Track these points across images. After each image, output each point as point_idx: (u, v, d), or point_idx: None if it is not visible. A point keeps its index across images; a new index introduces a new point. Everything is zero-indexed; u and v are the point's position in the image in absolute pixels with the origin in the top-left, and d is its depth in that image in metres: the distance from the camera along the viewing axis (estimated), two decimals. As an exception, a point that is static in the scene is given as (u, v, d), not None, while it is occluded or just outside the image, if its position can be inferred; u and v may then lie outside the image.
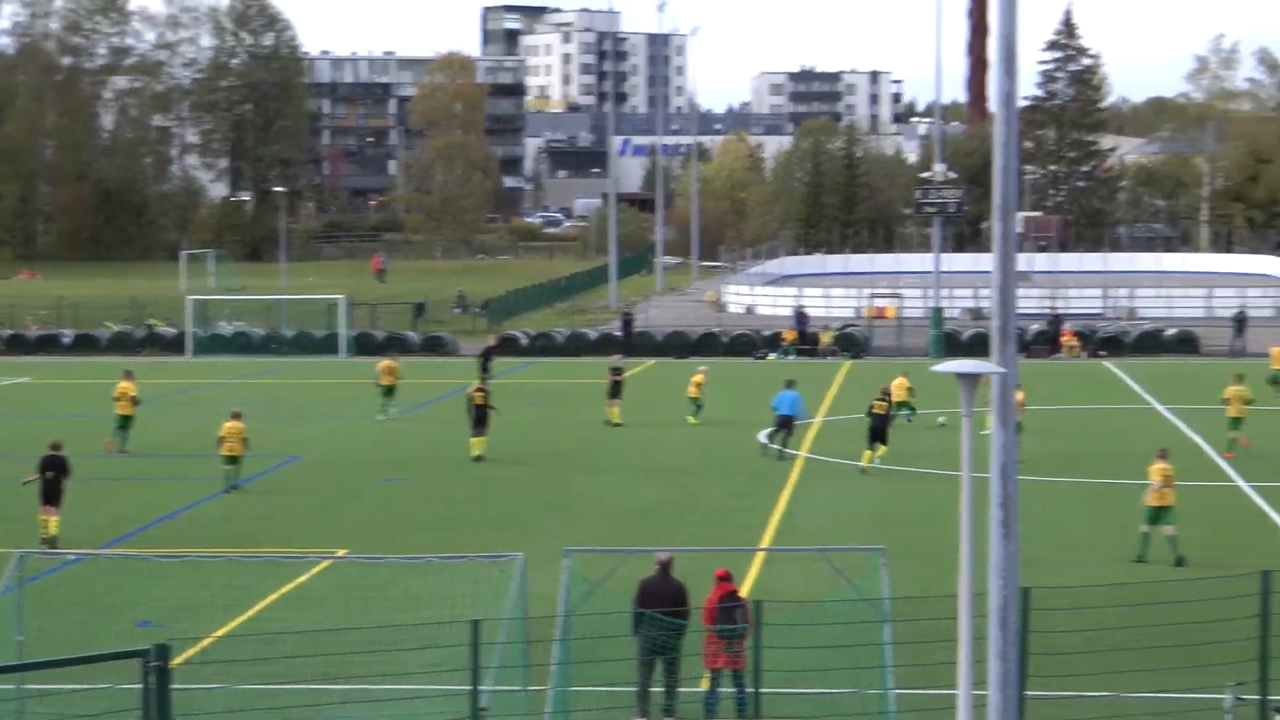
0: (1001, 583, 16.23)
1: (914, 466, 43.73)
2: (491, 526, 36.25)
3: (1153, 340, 76.35)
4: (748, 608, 22.34)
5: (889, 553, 23.40)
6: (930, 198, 79.38)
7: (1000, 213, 16.33)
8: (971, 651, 16.72)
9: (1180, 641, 23.24)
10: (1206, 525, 35.78)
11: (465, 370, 63.82)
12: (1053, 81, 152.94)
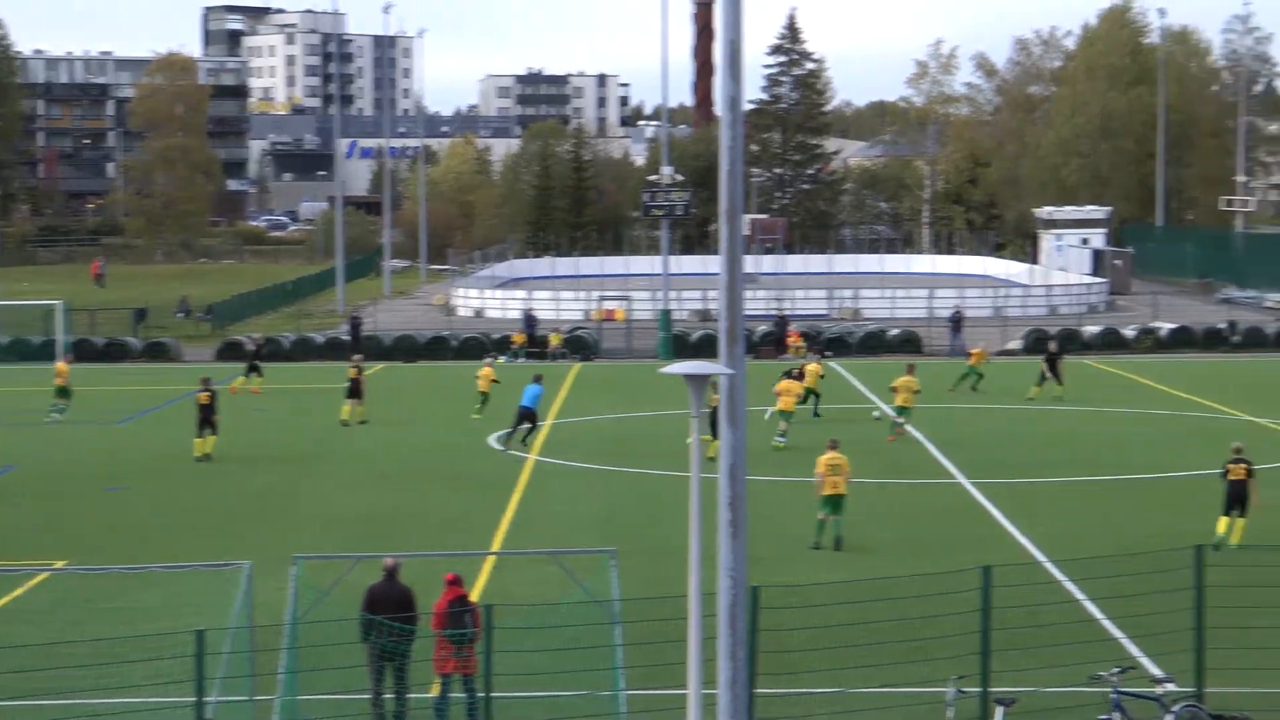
0: (730, 582, 16.30)
1: (643, 467, 43.91)
2: (218, 534, 35.64)
3: (877, 340, 77.67)
4: (478, 612, 22.20)
5: (620, 554, 23.43)
6: (658, 200, 79.92)
7: (727, 215, 16.40)
8: (701, 651, 16.77)
9: (905, 636, 23.61)
10: (930, 521, 36.45)
11: (189, 375, 62.68)
12: (777, 85, 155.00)
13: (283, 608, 22.15)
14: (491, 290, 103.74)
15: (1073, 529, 35.12)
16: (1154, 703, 21.31)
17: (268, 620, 22.95)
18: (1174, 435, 49.74)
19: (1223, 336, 77.59)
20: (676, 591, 21.10)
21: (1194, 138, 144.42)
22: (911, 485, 41.03)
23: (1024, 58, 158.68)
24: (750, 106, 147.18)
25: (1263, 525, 34.75)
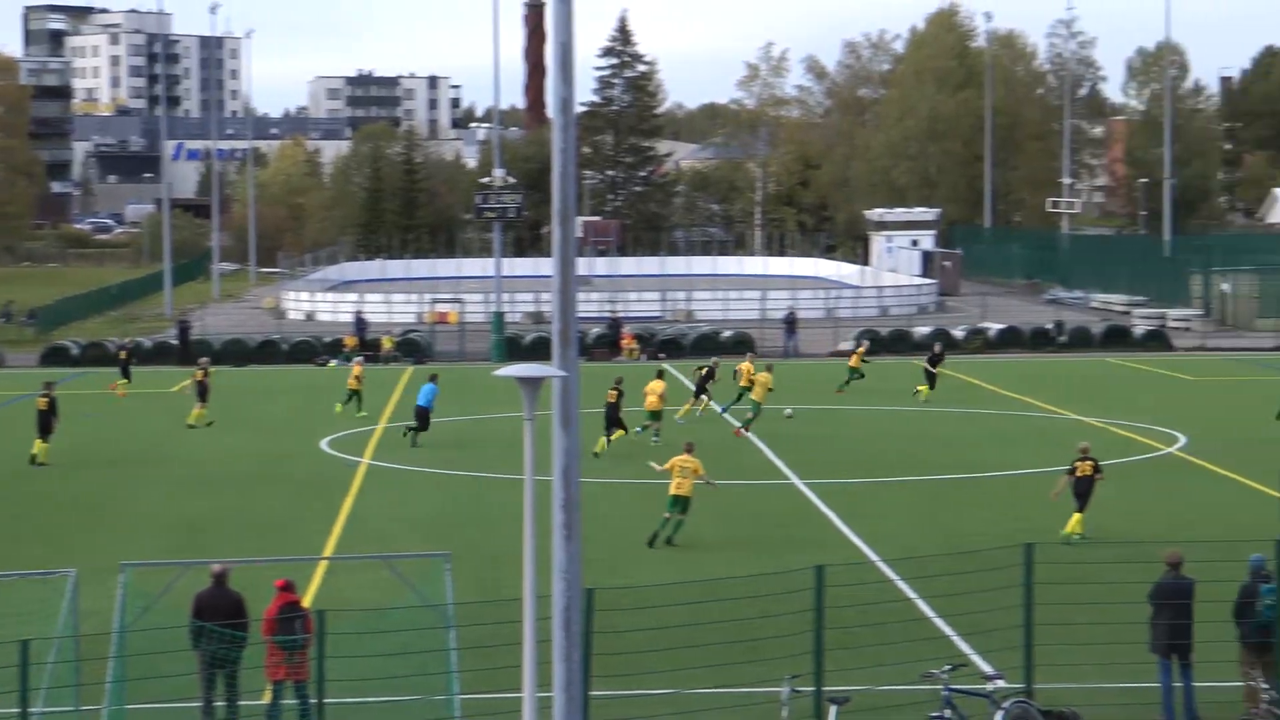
0: (564, 585, 16.24)
1: (477, 470, 43.76)
2: (43, 542, 35.01)
3: (710, 342, 77.93)
4: (309, 618, 21.96)
5: (453, 558, 23.30)
6: (490, 203, 79.73)
7: (559, 217, 16.35)
8: (536, 654, 16.71)
9: (740, 636, 23.68)
10: (764, 521, 36.61)
11: (11, 381, 61.62)
12: (609, 87, 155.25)
13: (110, 616, 21.78)
14: (322, 293, 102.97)
15: (904, 528, 35.42)
16: (984, 699, 21.52)
17: (95, 629, 22.55)
18: (1003, 434, 50.34)
19: (1050, 336, 78.75)
20: (511, 595, 21.01)
21: (1020, 140, 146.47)
22: (745, 486, 41.19)
23: (854, 60, 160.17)
24: (582, 109, 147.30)
25: (1090, 522, 35.29)
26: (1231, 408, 55.13)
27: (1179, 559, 23.28)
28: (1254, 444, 44.95)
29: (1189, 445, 46.68)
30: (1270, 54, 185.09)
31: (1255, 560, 23.07)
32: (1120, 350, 76.37)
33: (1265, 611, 22.54)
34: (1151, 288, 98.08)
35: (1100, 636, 23.79)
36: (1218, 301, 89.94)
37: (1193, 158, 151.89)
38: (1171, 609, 22.81)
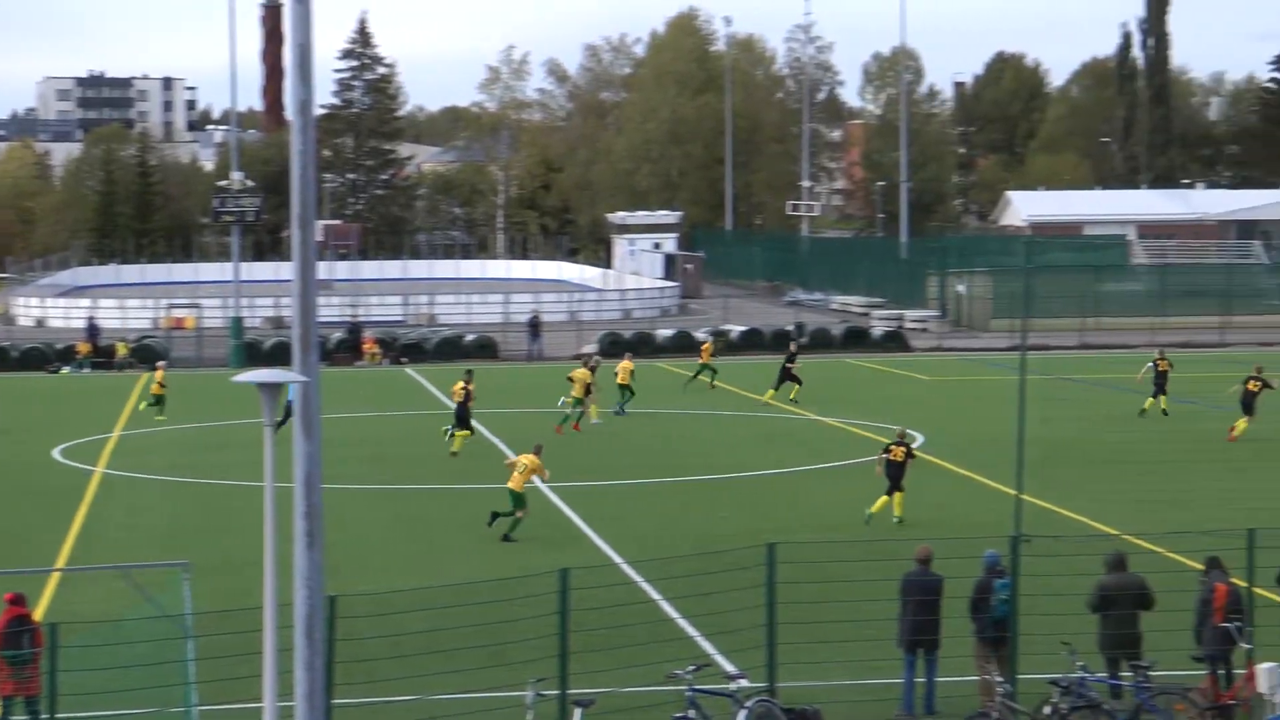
0: (306, 592, 15.99)
1: (215, 478, 43.07)
2: None
3: (453, 346, 77.66)
4: (39, 631, 21.38)
5: (192, 567, 22.86)
6: (228, 206, 78.65)
7: (299, 221, 16.09)
8: (277, 663, 16.44)
9: (485, 641, 23.54)
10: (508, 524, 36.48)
11: None
12: (349, 90, 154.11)
13: None
14: (54, 299, 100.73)
15: (649, 530, 35.54)
16: (728, 699, 21.63)
17: None
18: (745, 436, 50.78)
19: (791, 338, 79.71)
20: (252, 604, 20.66)
21: (760, 143, 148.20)
22: (488, 490, 41.03)
23: (595, 64, 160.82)
24: (322, 111, 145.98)
25: (829, 520, 35.76)
26: (967, 407, 56.24)
27: (928, 554, 23.65)
28: (988, 442, 45.84)
29: (926, 444, 47.49)
30: (1002, 60, 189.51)
31: (990, 556, 23.49)
32: (859, 351, 77.55)
33: (1000, 607, 22.97)
34: (889, 289, 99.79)
35: (842, 634, 24.07)
36: (953, 303, 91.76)
37: (928, 161, 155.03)
38: (920, 604, 23.17)
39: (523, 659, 22.39)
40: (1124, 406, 55.79)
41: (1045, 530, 31.24)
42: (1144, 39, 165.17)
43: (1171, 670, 22.97)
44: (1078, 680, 21.54)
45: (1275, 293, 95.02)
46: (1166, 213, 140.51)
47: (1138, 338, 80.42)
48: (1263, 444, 45.72)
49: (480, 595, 24.74)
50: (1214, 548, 24.46)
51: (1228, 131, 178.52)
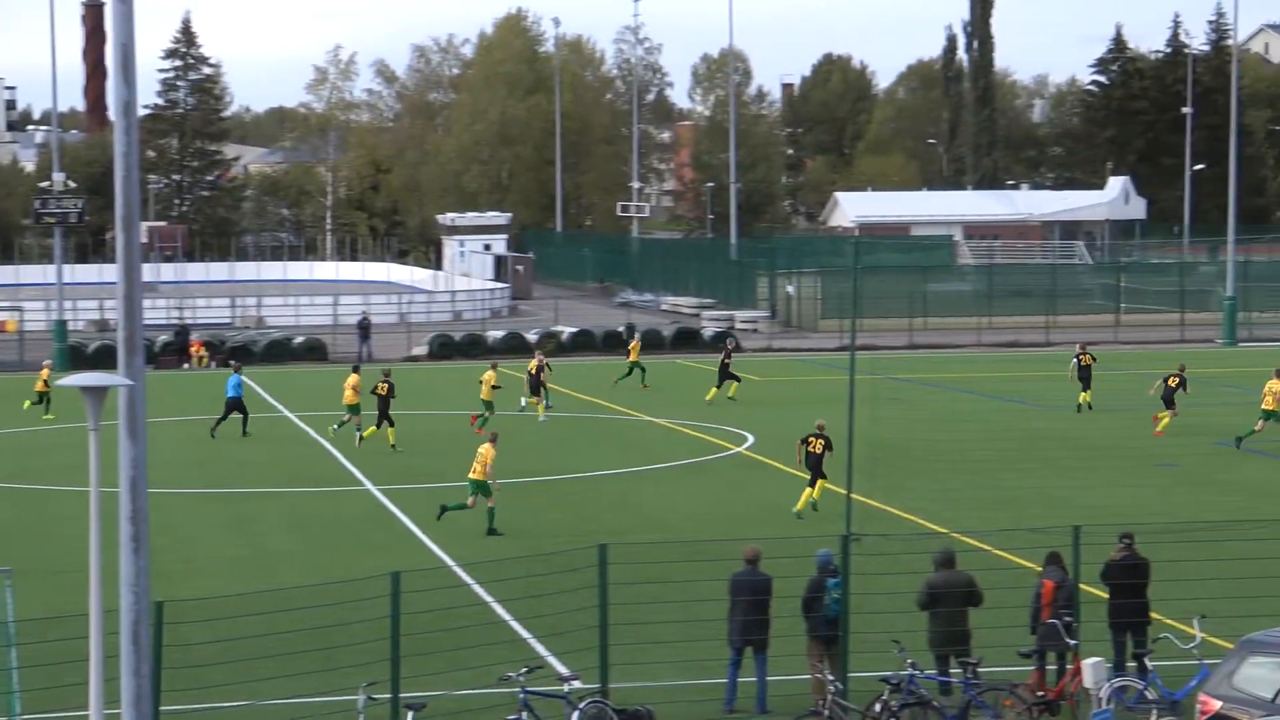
0: (132, 598, 15.76)
1: (36, 483, 42.35)
2: None
3: (282, 348, 76.97)
4: None
5: (15, 573, 22.45)
6: (50, 208, 77.38)
7: (123, 223, 15.84)
8: (103, 670, 16.19)
9: (316, 645, 23.33)
10: (339, 529, 36.22)
11: None
12: (173, 90, 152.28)
13: None
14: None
15: (482, 532, 35.39)
16: (561, 700, 21.61)
17: None
18: (577, 437, 50.79)
19: (622, 339, 79.79)
20: (76, 610, 20.32)
21: (590, 145, 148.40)
22: (319, 493, 40.73)
23: (423, 65, 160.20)
24: (145, 111, 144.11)
25: (661, 521, 35.85)
26: (797, 407, 56.62)
27: (756, 554, 23.76)
28: (818, 441, 46.17)
29: (756, 444, 47.77)
30: (829, 61, 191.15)
31: (822, 555, 23.65)
32: (690, 352, 77.82)
33: (832, 605, 23.12)
34: (719, 290, 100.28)
35: (673, 634, 24.13)
36: (783, 303, 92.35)
37: (757, 162, 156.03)
38: (748, 604, 23.28)
39: (354, 663, 22.22)
40: (952, 406, 56.47)
41: (876, 529, 31.52)
42: (969, 41, 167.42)
43: (1000, 666, 23.26)
44: (908, 678, 21.74)
45: (1098, 292, 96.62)
46: (992, 214, 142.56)
47: (965, 337, 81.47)
48: (1084, 445, 46.50)
49: (310, 599, 24.52)
50: (1041, 545, 24.81)
51: (1051, 133, 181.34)
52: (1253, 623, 22.20)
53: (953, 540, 28.61)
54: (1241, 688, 19.27)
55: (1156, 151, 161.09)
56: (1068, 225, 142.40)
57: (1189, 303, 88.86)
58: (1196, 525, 30.83)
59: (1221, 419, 51.12)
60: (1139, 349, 77.51)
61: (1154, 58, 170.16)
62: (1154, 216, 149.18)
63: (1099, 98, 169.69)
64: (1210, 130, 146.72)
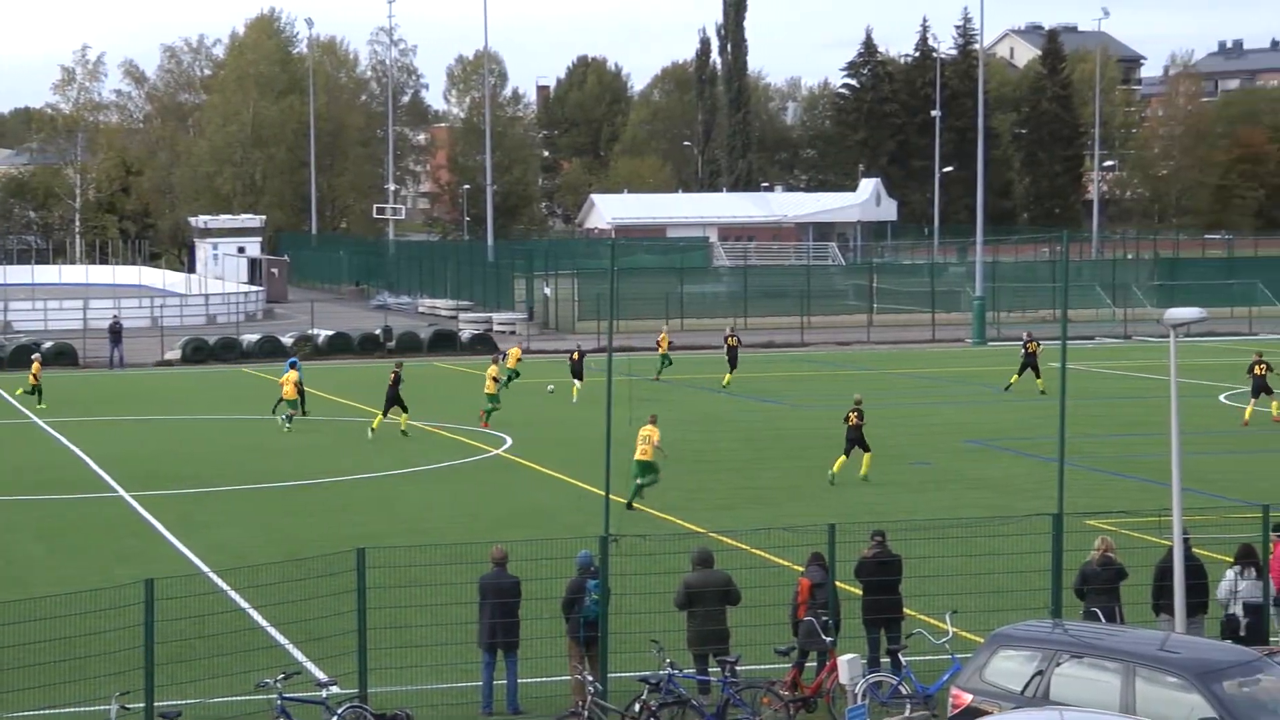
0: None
1: None
2: None
3: (30, 353, 75.19)
4: None
5: None
6: None
7: None
8: None
9: (67, 655, 22.82)
10: (90, 536, 35.51)
11: None
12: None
13: None
14: None
15: (238, 538, 34.93)
16: (319, 706, 21.38)
17: None
18: (332, 441, 50.30)
19: (379, 341, 79.26)
20: None
21: (345, 147, 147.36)
22: (68, 500, 39.89)
23: (174, 65, 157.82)
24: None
25: (419, 524, 35.65)
26: (553, 408, 56.69)
27: (504, 555, 23.72)
28: (575, 443, 46.29)
29: (515, 446, 47.73)
30: (584, 64, 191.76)
31: (582, 556, 23.67)
32: (448, 354, 77.53)
33: (592, 607, 23.16)
34: (477, 292, 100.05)
35: (431, 637, 24.01)
36: (540, 305, 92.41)
37: (513, 164, 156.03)
38: (497, 605, 23.23)
39: (106, 672, 21.80)
40: (710, 406, 56.89)
41: (634, 530, 31.63)
42: (723, 45, 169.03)
43: (758, 664, 23.47)
44: (666, 677, 21.84)
45: (851, 293, 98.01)
46: (747, 215, 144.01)
47: (721, 338, 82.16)
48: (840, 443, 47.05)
49: (61, 608, 23.98)
50: (797, 543, 25.06)
51: (804, 136, 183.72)
52: (1002, 617, 22.66)
53: (710, 540, 28.81)
54: (992, 681, 19.62)
55: (907, 154, 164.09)
56: (821, 227, 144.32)
57: (939, 303, 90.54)
58: (948, 522, 31.37)
59: (972, 417, 52.14)
60: (892, 349, 78.80)
61: (904, 62, 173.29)
62: (905, 218, 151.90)
63: (850, 101, 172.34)
64: (958, 133, 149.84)
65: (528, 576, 23.95)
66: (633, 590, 23.99)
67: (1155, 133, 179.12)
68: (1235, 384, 60.34)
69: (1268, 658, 19.74)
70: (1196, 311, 22.51)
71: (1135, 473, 41.77)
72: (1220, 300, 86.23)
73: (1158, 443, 42.98)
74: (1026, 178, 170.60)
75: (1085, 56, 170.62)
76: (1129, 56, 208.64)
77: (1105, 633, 20.71)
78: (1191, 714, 17.97)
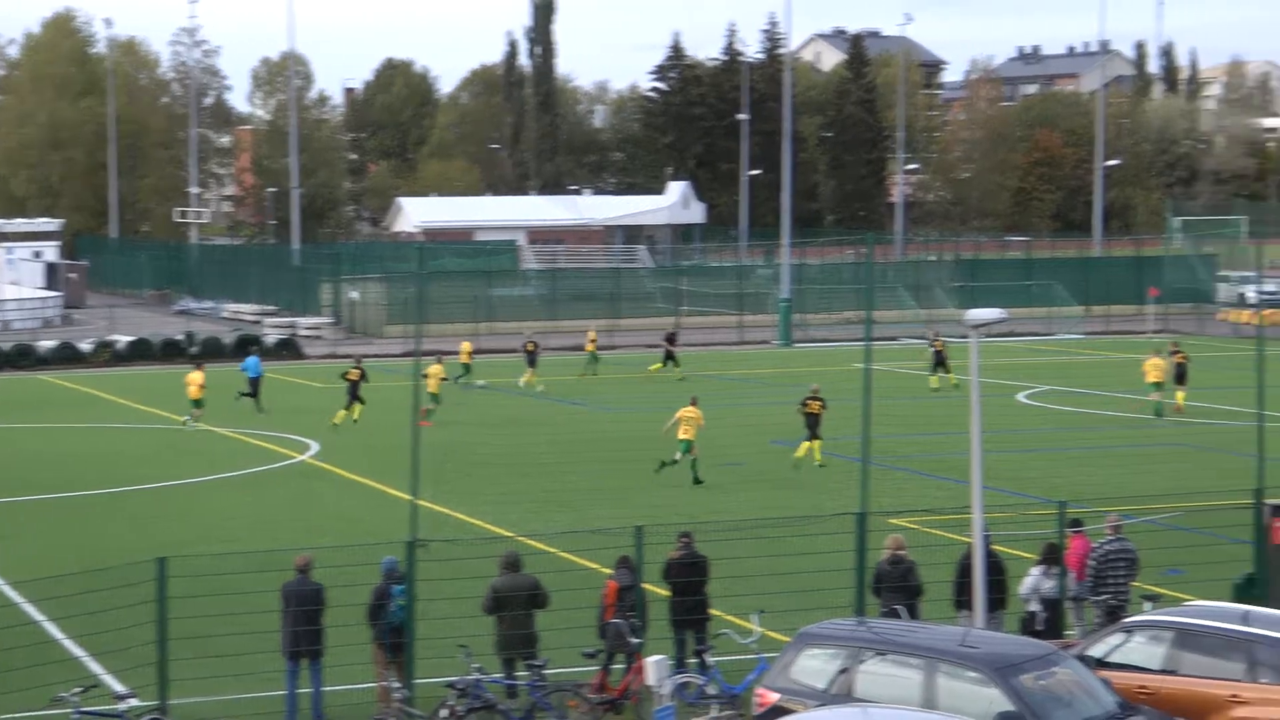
0: None
1: None
2: None
3: None
4: None
5: None
6: None
7: None
8: None
9: None
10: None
11: None
12: None
13: None
14: None
15: (29, 550, 34.16)
16: (117, 719, 20.99)
17: None
18: (135, 448, 49.52)
19: (181, 347, 78.10)
20: None
21: (146, 149, 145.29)
22: None
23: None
24: None
25: (224, 532, 35.20)
26: (363, 414, 56.26)
27: (307, 563, 23.44)
28: (384, 448, 45.96)
29: (321, 452, 47.28)
30: (391, 66, 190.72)
31: (387, 562, 23.47)
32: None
33: (397, 612, 22.97)
34: (282, 296, 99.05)
35: (234, 646, 23.68)
36: (347, 309, 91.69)
37: (319, 167, 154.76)
38: (299, 613, 22.96)
39: None
40: (518, 410, 56.77)
41: (442, 534, 31.44)
42: (530, 47, 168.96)
43: (566, 668, 23.41)
44: (474, 682, 21.72)
45: (660, 295, 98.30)
46: (555, 219, 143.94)
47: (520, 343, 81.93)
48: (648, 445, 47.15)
49: None
50: (605, 546, 25.04)
51: (613, 139, 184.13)
52: (808, 616, 22.79)
53: (518, 543, 28.72)
54: (797, 680, 19.74)
55: (714, 157, 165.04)
56: (630, 230, 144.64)
57: (747, 305, 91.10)
58: (755, 522, 31.54)
59: (779, 418, 52.50)
60: (701, 350, 79.12)
61: (711, 65, 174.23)
62: (713, 220, 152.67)
63: (658, 104, 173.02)
64: (765, 136, 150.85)
65: (333, 583, 23.71)
66: (440, 595, 23.83)
67: (957, 136, 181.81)
68: (1033, 383, 61.40)
69: (1063, 651, 20.08)
70: (997, 312, 22.84)
71: (938, 471, 42.29)
72: (1020, 301, 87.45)
73: (960, 441, 43.50)
74: (832, 181, 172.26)
75: (889, 61, 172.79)
76: (931, 61, 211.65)
77: (907, 630, 20.94)
78: (990, 708, 18.21)
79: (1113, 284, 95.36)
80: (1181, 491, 36.61)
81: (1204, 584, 26.17)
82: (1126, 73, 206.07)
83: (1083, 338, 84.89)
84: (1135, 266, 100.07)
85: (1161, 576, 27.41)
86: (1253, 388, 25.52)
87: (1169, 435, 48.95)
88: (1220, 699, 20.05)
